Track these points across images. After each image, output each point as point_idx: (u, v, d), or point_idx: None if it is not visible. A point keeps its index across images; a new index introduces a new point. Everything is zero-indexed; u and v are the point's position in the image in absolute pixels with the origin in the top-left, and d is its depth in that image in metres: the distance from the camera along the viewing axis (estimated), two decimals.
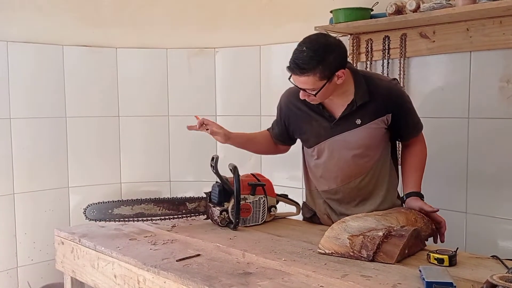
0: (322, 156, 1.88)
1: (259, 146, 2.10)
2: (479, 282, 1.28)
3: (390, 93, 1.80)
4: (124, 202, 1.90)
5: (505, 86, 2.04)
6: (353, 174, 1.84)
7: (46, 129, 2.71)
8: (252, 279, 1.37)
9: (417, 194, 1.83)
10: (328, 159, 1.86)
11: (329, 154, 1.86)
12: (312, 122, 1.87)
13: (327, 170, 1.88)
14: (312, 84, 1.68)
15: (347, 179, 1.85)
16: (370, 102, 1.77)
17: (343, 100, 1.79)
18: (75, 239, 1.87)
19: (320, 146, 1.87)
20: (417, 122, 1.89)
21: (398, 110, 1.81)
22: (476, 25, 2.07)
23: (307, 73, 1.66)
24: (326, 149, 1.86)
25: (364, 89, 1.77)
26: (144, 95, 2.95)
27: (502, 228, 2.07)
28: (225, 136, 1.92)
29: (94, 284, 1.80)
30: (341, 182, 1.86)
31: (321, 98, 1.75)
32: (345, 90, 1.78)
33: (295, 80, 1.72)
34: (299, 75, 1.68)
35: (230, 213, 1.91)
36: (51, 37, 2.70)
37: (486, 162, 2.11)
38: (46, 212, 2.72)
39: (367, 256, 1.50)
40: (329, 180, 1.89)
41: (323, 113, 1.84)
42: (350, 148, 1.82)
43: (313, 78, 1.66)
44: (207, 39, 2.95)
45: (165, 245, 1.73)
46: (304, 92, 1.73)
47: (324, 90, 1.70)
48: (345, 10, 2.27)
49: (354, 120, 1.79)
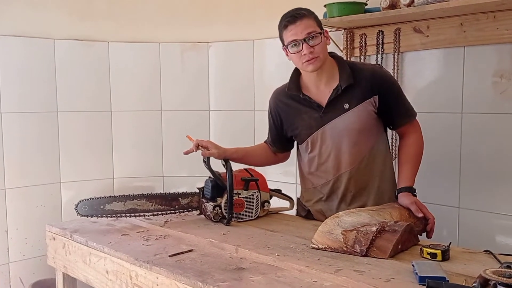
0: (316, 147, 1.88)
1: (258, 158, 2.10)
2: (472, 276, 1.28)
3: (374, 75, 1.82)
4: (116, 198, 1.89)
5: (499, 81, 2.04)
6: (347, 162, 1.84)
7: (37, 124, 2.68)
8: (245, 274, 1.36)
9: (409, 189, 1.80)
10: (322, 149, 1.87)
11: (322, 144, 1.86)
12: (302, 115, 1.88)
13: (321, 161, 1.88)
14: (313, 26, 1.75)
15: (342, 168, 1.85)
16: (355, 85, 1.80)
17: (329, 87, 1.83)
18: (67, 235, 1.85)
19: (313, 138, 1.87)
20: (408, 109, 1.87)
21: (385, 91, 1.82)
22: (470, 19, 2.07)
23: (306, 16, 1.75)
24: (319, 139, 1.86)
25: (348, 73, 1.81)
26: (136, 90, 2.93)
27: (495, 223, 2.08)
28: (220, 155, 1.93)
29: (86, 280, 1.78)
30: (337, 171, 1.86)
31: (321, 51, 1.76)
32: (330, 76, 1.83)
33: (297, 31, 1.73)
34: (300, 19, 1.74)
35: (223, 209, 1.90)
36: (42, 31, 2.67)
37: (479, 157, 2.11)
38: (37, 207, 2.70)
39: (360, 251, 1.50)
40: (324, 171, 1.89)
41: (312, 104, 1.85)
42: (341, 134, 1.82)
43: (312, 21, 1.76)
44: (200, 33, 2.93)
45: (158, 240, 1.71)
46: (306, 45, 1.73)
47: (323, 43, 1.76)
48: (339, 4, 2.26)
49: (342, 105, 1.81)
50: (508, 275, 1.12)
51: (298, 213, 2.07)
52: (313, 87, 1.86)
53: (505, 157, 2.04)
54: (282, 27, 1.78)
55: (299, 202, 2.06)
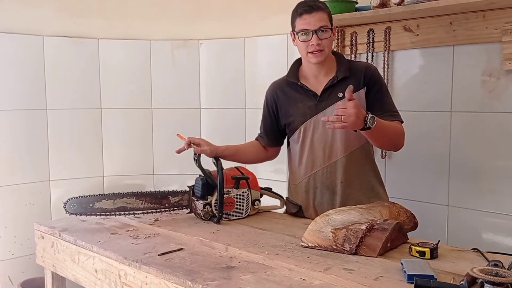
0: (308, 135, 1.91)
1: (249, 155, 2.11)
2: (460, 274, 1.29)
3: (367, 69, 1.90)
4: (106, 196, 1.87)
5: (487, 80, 2.05)
6: (338, 151, 1.87)
7: (26, 121, 2.66)
8: (234, 273, 1.36)
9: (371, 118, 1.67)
10: (314, 137, 1.90)
11: (315, 132, 1.90)
12: (297, 103, 1.94)
13: (312, 150, 1.91)
14: (325, 21, 1.83)
15: (333, 156, 1.88)
16: (350, 78, 1.87)
17: (327, 76, 1.90)
18: (55, 233, 1.84)
19: (306, 125, 1.91)
20: (393, 110, 1.89)
21: (372, 85, 1.88)
22: (459, 19, 2.08)
23: (322, 9, 1.83)
24: (312, 126, 1.90)
25: (346, 66, 1.90)
26: (126, 87, 2.91)
27: (484, 221, 2.09)
28: (212, 152, 1.94)
29: (75, 279, 1.77)
30: (327, 160, 1.88)
31: (327, 46, 1.84)
32: (329, 69, 1.90)
33: (310, 21, 1.80)
34: (316, 11, 1.81)
35: (214, 207, 1.89)
36: (31, 27, 2.64)
37: (468, 155, 2.13)
38: (27, 205, 2.67)
39: (349, 249, 1.50)
40: (314, 160, 1.91)
41: (308, 93, 1.91)
42: None
43: (326, 15, 1.84)
44: (191, 30, 2.92)
45: (147, 239, 1.71)
46: (316, 36, 1.80)
47: (331, 38, 1.85)
48: (330, 2, 2.25)
49: (337, 94, 1.87)
50: (495, 273, 1.13)
51: (289, 211, 2.07)
52: (312, 77, 1.93)
53: (493, 156, 2.06)
54: (297, 14, 1.85)
55: (289, 201, 2.06)
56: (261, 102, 2.08)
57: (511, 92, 2.00)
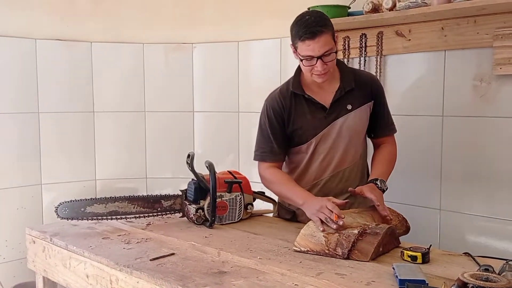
0: (319, 148, 1.87)
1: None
2: (451, 279, 1.30)
3: (373, 81, 1.91)
4: (98, 200, 1.87)
5: (479, 85, 2.07)
6: (343, 163, 1.88)
7: (18, 124, 2.64)
8: (226, 278, 1.36)
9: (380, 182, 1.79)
10: (323, 149, 1.87)
11: (324, 143, 1.86)
12: (306, 115, 1.87)
13: (320, 161, 1.88)
14: (330, 44, 1.73)
15: (338, 167, 1.88)
16: (355, 89, 1.86)
17: (332, 86, 1.86)
18: (47, 238, 1.83)
19: (317, 138, 1.86)
20: (391, 123, 1.95)
21: (379, 99, 1.90)
22: (451, 24, 2.09)
23: (325, 31, 1.70)
24: (323, 138, 1.86)
25: (350, 76, 1.87)
26: (119, 91, 2.90)
27: (475, 225, 2.10)
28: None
29: (66, 284, 1.76)
30: (332, 171, 1.88)
31: (332, 65, 1.78)
32: (332, 77, 1.85)
33: (314, 47, 1.69)
34: (319, 36, 1.69)
35: (206, 211, 1.89)
36: (23, 30, 2.63)
37: (460, 160, 2.14)
38: (18, 209, 2.65)
39: (342, 254, 1.51)
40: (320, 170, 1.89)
41: (316, 105, 1.86)
42: (343, 134, 1.85)
43: (330, 37, 1.72)
44: (184, 34, 2.92)
45: (139, 244, 1.70)
46: (321, 61, 1.72)
47: (335, 55, 1.76)
48: (322, 7, 2.27)
49: (345, 105, 1.85)
50: (485, 279, 1.14)
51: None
52: (316, 88, 1.88)
53: (485, 160, 2.07)
54: (298, 38, 1.72)
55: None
56: (254, 106, 2.07)
57: (502, 96, 2.01)
